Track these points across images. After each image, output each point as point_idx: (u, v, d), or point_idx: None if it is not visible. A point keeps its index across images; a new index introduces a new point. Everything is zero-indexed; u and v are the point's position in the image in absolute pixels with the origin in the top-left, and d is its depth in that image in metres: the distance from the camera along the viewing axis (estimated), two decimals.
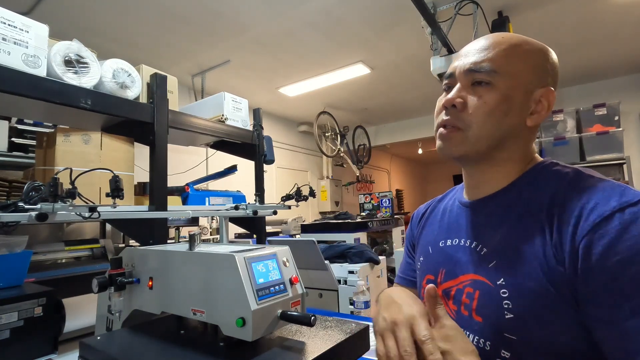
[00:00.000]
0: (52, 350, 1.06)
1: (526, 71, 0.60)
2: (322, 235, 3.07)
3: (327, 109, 5.11)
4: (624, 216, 0.47)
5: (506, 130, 0.60)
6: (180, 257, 0.70)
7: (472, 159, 0.64)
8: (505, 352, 0.53)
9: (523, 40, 0.62)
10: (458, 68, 0.64)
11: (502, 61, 0.60)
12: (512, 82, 0.59)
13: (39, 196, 0.85)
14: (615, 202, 0.48)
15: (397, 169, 9.39)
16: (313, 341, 0.66)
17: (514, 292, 0.54)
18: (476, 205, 0.67)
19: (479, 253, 0.61)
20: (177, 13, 2.77)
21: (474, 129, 0.60)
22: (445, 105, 0.62)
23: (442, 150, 0.65)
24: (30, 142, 2.12)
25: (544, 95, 0.61)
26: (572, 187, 0.55)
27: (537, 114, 0.61)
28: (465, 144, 0.61)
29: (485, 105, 0.59)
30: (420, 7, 2.24)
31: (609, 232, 0.47)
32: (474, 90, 0.61)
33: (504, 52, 0.60)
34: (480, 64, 0.60)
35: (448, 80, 0.66)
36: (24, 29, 0.98)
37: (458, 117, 0.61)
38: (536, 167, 0.63)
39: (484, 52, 0.61)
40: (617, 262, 0.45)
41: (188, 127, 1.47)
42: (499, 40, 0.62)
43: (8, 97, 0.96)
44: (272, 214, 1.64)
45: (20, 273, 1.17)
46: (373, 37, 3.31)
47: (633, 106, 4.52)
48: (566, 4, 2.91)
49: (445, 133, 0.63)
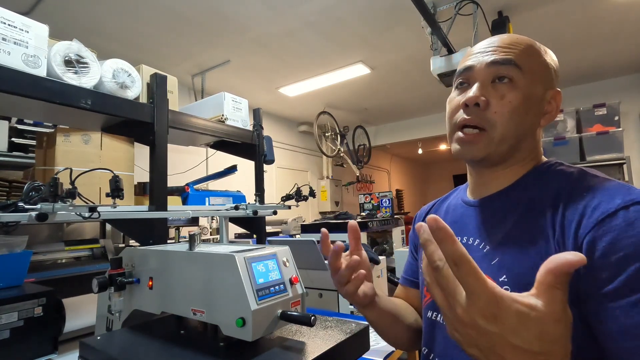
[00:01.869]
0: (52, 350, 1.06)
1: (541, 71, 0.60)
2: None
3: (327, 109, 5.11)
4: (629, 214, 0.47)
5: (525, 130, 0.60)
6: (180, 257, 0.70)
7: (492, 161, 0.62)
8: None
9: (534, 42, 0.63)
10: (477, 62, 0.61)
11: (524, 58, 0.59)
12: (532, 81, 0.59)
13: (39, 196, 0.85)
14: (619, 200, 0.48)
15: (397, 169, 9.38)
16: (313, 341, 0.66)
17: (515, 288, 0.53)
18: (481, 203, 0.66)
19: (482, 250, 0.61)
20: (177, 13, 2.77)
21: (498, 128, 0.58)
22: (467, 103, 0.59)
23: (463, 153, 0.63)
24: (30, 142, 2.12)
25: (554, 96, 0.62)
26: (577, 185, 0.55)
27: (549, 114, 0.62)
28: (490, 145, 0.59)
29: (509, 104, 0.58)
30: (420, 7, 2.24)
31: (613, 229, 0.47)
32: (495, 88, 0.59)
33: (525, 50, 0.60)
34: (505, 57, 0.59)
35: (463, 75, 0.63)
36: (24, 29, 0.98)
37: (481, 116, 0.59)
38: (541, 166, 0.63)
39: (505, 49, 0.60)
40: (620, 258, 0.45)
41: (188, 127, 1.47)
42: (516, 39, 0.62)
43: (8, 97, 0.96)
44: (272, 214, 1.64)
45: (20, 273, 1.17)
46: (373, 37, 3.31)
47: (633, 106, 4.52)
48: (566, 4, 2.91)
49: (469, 137, 0.60)
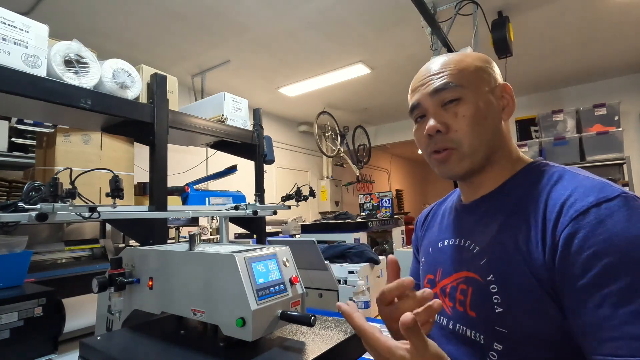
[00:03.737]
0: (52, 350, 1.06)
1: (478, 77, 0.65)
2: (322, 235, 3.06)
3: (327, 109, 5.11)
4: (600, 211, 0.49)
5: (491, 133, 0.64)
6: (180, 257, 0.70)
7: (475, 171, 0.66)
8: (498, 345, 0.56)
9: (458, 55, 0.67)
10: (422, 97, 0.66)
11: (459, 75, 0.64)
12: (475, 90, 0.63)
13: (39, 196, 0.85)
14: (592, 198, 0.51)
15: (397, 169, 9.38)
16: (313, 341, 0.66)
17: (502, 288, 0.56)
18: (470, 207, 0.70)
19: (471, 251, 0.64)
20: (177, 13, 2.77)
21: (465, 143, 0.63)
22: (430, 133, 0.64)
23: (444, 173, 0.67)
24: (30, 142, 2.12)
25: (503, 89, 0.66)
26: (556, 185, 0.57)
27: (507, 107, 0.66)
28: (464, 159, 0.64)
29: (465, 118, 0.62)
30: (420, 7, 2.24)
31: (584, 226, 0.49)
32: (447, 111, 0.64)
33: (455, 68, 0.65)
34: (442, 82, 0.64)
35: (416, 112, 0.68)
36: (24, 29, 0.98)
37: (446, 139, 0.64)
38: (526, 168, 0.66)
39: (439, 74, 0.65)
40: (591, 254, 0.47)
41: (188, 127, 1.47)
42: (443, 61, 0.66)
43: (8, 97, 0.96)
44: (272, 214, 1.64)
45: (20, 273, 1.17)
46: (373, 37, 3.31)
47: (633, 106, 4.52)
48: (566, 4, 2.91)
49: (442, 156, 0.65)
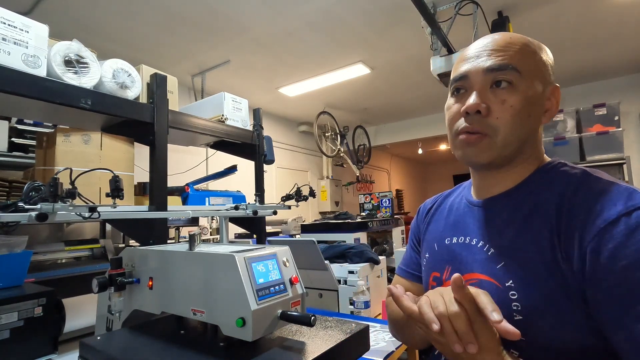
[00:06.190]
0: (52, 350, 1.06)
1: (538, 70, 0.60)
2: (322, 235, 3.06)
3: (327, 109, 5.11)
4: (630, 220, 0.46)
5: (528, 132, 0.60)
6: (180, 257, 0.70)
7: (497, 165, 0.62)
8: (514, 352, 0.53)
9: (528, 40, 0.61)
10: (473, 69, 0.60)
11: (521, 60, 0.58)
12: (531, 82, 0.58)
13: (39, 196, 0.85)
14: (621, 206, 0.48)
15: (397, 169, 9.38)
16: (313, 341, 0.66)
17: (522, 294, 0.53)
18: (485, 204, 0.66)
19: (486, 253, 0.60)
20: (177, 13, 2.77)
21: (501, 134, 0.58)
22: (468, 111, 0.59)
23: (467, 157, 0.62)
24: (30, 142, 2.12)
25: (553, 92, 0.61)
26: (580, 189, 0.54)
27: (549, 111, 0.62)
28: (493, 149, 0.59)
29: (511, 109, 0.57)
30: (420, 7, 2.24)
31: (615, 237, 0.46)
32: (494, 94, 0.58)
33: (520, 51, 0.59)
34: (502, 62, 0.58)
35: (459, 83, 0.62)
36: (24, 29, 0.98)
37: (483, 123, 0.58)
38: (545, 167, 0.62)
39: (501, 52, 0.59)
40: (623, 267, 0.45)
41: (188, 127, 1.47)
42: (510, 39, 0.60)
43: (8, 97, 0.96)
44: (272, 214, 1.64)
45: (20, 273, 1.17)
46: (373, 37, 3.30)
47: (633, 106, 4.52)
48: (566, 4, 2.91)
49: (471, 139, 0.60)
